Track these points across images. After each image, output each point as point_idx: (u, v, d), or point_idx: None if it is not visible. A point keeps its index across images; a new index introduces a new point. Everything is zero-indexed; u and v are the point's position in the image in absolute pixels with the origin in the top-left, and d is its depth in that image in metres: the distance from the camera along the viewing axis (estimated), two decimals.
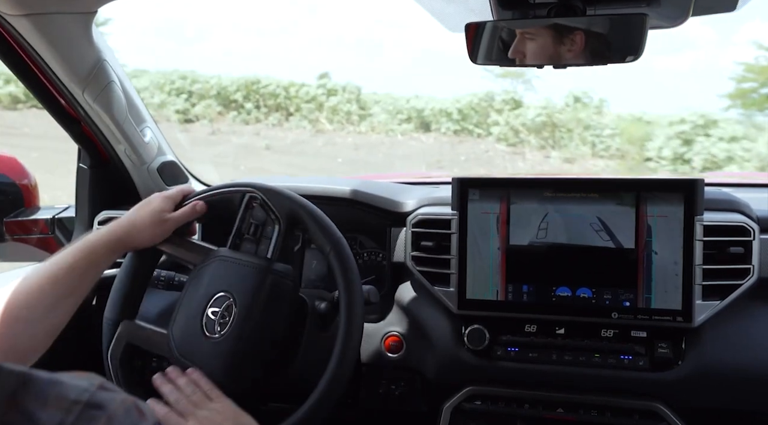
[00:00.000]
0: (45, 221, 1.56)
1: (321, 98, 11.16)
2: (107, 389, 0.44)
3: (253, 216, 1.05)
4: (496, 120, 10.12)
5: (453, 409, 1.24)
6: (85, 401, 0.42)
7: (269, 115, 11.23)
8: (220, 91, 11.33)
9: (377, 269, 1.40)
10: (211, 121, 11.02)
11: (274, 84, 11.33)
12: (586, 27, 1.02)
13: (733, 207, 1.16)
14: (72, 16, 1.19)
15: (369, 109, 11.19)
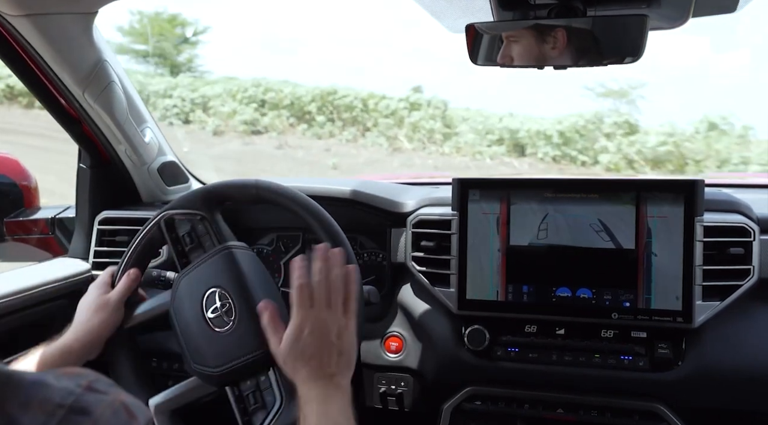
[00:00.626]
0: (45, 221, 1.56)
1: (402, 113, 10.07)
2: (95, 390, 0.43)
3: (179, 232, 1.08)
4: (605, 146, 8.72)
5: (453, 409, 1.24)
6: (69, 405, 0.41)
7: (344, 129, 10.21)
8: (294, 101, 10.44)
9: (377, 269, 1.40)
10: (280, 133, 10.17)
11: (351, 95, 10.28)
12: (566, 24, 1.02)
13: (734, 208, 1.16)
14: (72, 17, 1.19)
15: (455, 127, 9.95)
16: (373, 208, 1.33)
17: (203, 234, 1.07)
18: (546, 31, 1.03)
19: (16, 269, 1.38)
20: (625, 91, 9.87)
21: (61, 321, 1.36)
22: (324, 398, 0.80)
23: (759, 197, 1.27)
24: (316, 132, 10.22)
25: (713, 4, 1.06)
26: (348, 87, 10.53)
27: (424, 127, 9.87)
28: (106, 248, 1.46)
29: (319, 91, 10.42)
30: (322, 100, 10.37)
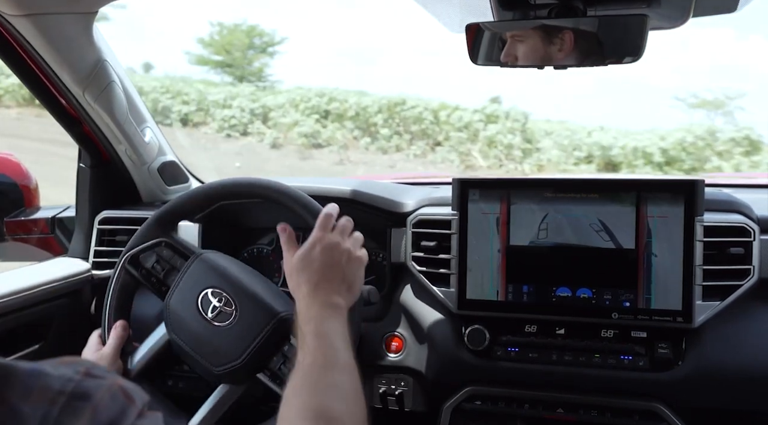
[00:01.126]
0: (45, 220, 1.56)
1: (477, 126, 8.87)
2: (94, 375, 0.43)
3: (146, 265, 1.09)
4: (718, 166, 7.69)
5: (453, 409, 1.24)
6: (70, 391, 0.41)
7: (412, 143, 9.12)
8: (359, 112, 9.44)
9: (377, 269, 1.40)
10: (341, 147, 9.26)
11: (420, 106, 9.16)
12: (574, 26, 1.02)
13: (734, 208, 1.16)
14: (72, 17, 1.19)
15: (536, 142, 8.87)
16: (373, 208, 1.33)
17: (170, 257, 1.09)
18: (553, 32, 1.03)
19: (16, 268, 1.38)
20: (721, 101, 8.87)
21: (61, 321, 1.37)
22: (322, 318, 0.82)
23: (759, 197, 1.27)
24: (381, 146, 9.22)
25: (713, 4, 1.06)
26: (417, 97, 9.48)
27: (502, 142, 8.67)
28: (106, 247, 1.46)
29: (387, 101, 9.39)
30: (389, 111, 9.35)
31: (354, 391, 0.74)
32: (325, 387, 0.72)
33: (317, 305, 0.83)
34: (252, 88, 10.53)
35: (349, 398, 0.72)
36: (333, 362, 0.76)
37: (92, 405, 0.41)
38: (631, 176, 5.81)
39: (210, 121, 9.79)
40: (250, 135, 9.69)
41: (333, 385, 0.72)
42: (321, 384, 0.72)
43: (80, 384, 0.42)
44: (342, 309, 0.85)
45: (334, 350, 0.78)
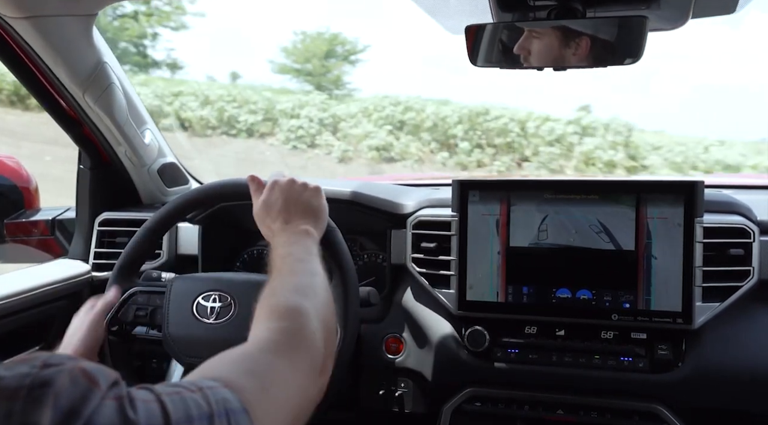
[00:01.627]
0: (45, 222, 1.57)
1: (571, 139, 7.69)
2: (51, 364, 0.42)
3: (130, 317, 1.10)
4: None
5: (453, 411, 1.24)
6: (28, 384, 0.40)
7: (495, 158, 7.98)
8: (437, 122, 8.33)
9: (377, 270, 1.40)
10: (416, 161, 8.31)
11: (506, 116, 8.07)
12: (592, 32, 1.02)
13: (733, 209, 1.16)
14: (73, 19, 1.19)
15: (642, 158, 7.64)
16: (374, 209, 1.33)
17: (147, 300, 1.09)
18: (571, 36, 1.03)
19: (16, 270, 1.38)
20: None
21: (61, 323, 1.37)
22: (290, 242, 0.85)
23: (759, 197, 1.27)
24: (461, 161, 8.04)
25: (713, 4, 1.06)
26: (503, 106, 8.22)
27: (601, 158, 7.33)
28: (106, 249, 1.46)
29: (468, 111, 8.20)
30: (470, 122, 8.13)
31: (321, 291, 0.76)
32: (290, 287, 0.74)
33: (285, 235, 0.87)
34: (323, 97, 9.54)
35: (314, 296, 0.74)
36: (298, 269, 0.78)
37: (54, 391, 0.40)
38: (631, 177, 5.78)
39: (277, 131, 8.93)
40: (317, 147, 8.81)
41: (298, 285, 0.75)
42: (286, 286, 0.74)
43: (38, 375, 0.41)
44: (312, 235, 0.88)
45: (301, 261, 0.80)
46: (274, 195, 0.93)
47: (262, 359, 0.60)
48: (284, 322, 0.66)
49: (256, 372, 0.57)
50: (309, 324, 0.67)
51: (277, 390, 0.57)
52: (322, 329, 0.69)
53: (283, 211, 0.90)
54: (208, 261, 1.42)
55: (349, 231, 1.37)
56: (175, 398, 0.47)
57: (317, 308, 0.71)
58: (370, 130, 8.56)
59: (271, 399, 0.55)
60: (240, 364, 0.58)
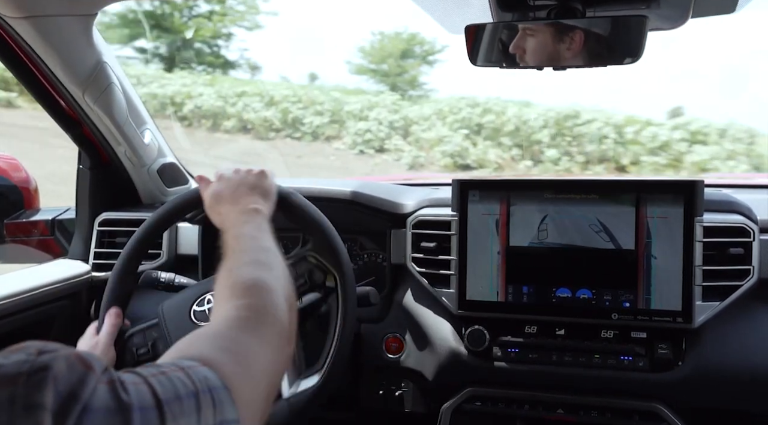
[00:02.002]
0: (45, 222, 1.56)
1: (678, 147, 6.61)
2: (47, 351, 0.44)
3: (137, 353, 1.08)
4: None
5: (453, 410, 1.24)
6: (27, 370, 0.42)
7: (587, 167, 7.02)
8: (519, 126, 7.46)
9: (377, 270, 1.40)
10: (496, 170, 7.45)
11: (600, 120, 7.06)
12: (586, 27, 1.02)
13: (733, 208, 1.16)
14: (72, 19, 1.19)
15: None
16: (373, 209, 1.33)
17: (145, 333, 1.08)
18: (564, 31, 1.03)
19: (16, 270, 1.38)
20: None
21: (61, 323, 1.37)
22: (241, 221, 0.87)
23: (759, 197, 1.27)
24: (546, 169, 7.13)
25: (713, 4, 1.06)
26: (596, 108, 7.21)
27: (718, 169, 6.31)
28: (106, 249, 1.46)
29: (555, 114, 7.21)
30: (558, 126, 7.13)
31: (277, 266, 0.77)
32: (246, 264, 0.75)
33: (235, 216, 0.89)
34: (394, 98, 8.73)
35: (272, 270, 0.76)
36: (252, 247, 0.81)
37: (53, 375, 0.42)
38: (631, 176, 5.71)
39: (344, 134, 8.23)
40: (386, 152, 8.05)
41: (254, 261, 0.76)
42: (243, 263, 0.76)
43: (36, 361, 0.42)
44: (261, 213, 0.91)
45: (253, 239, 0.83)
46: (221, 184, 0.96)
47: (233, 336, 0.61)
48: (249, 298, 0.68)
49: (231, 349, 0.58)
50: (273, 297, 0.70)
51: (252, 364, 0.59)
52: (285, 301, 0.71)
53: (231, 196, 0.93)
54: (208, 261, 1.42)
55: (349, 231, 1.37)
56: (161, 378, 0.48)
57: (277, 281, 0.73)
58: (444, 134, 7.63)
59: (247, 374, 0.57)
60: (214, 342, 0.59)
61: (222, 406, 0.51)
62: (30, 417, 0.40)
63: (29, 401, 0.40)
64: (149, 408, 0.45)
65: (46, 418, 0.40)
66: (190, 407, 0.48)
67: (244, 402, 0.54)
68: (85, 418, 0.41)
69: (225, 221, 0.90)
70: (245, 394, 0.55)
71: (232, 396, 0.52)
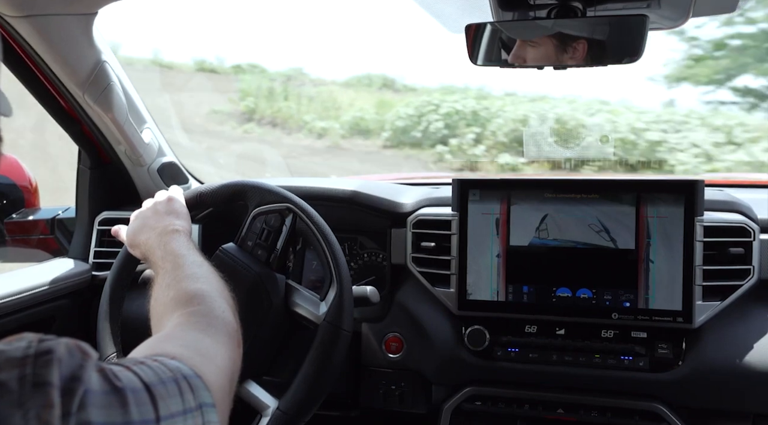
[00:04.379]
0: (45, 221, 1.56)
1: None
2: (47, 339, 0.47)
3: (267, 223, 1.08)
4: None
5: (453, 410, 1.24)
6: (34, 352, 0.44)
7: None
8: None
9: (377, 269, 1.40)
10: None
11: None
12: (589, 35, 1.02)
13: (734, 208, 1.16)
14: (72, 18, 1.19)
15: None
16: (373, 208, 1.33)
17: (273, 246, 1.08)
18: (568, 41, 1.03)
19: (16, 269, 1.38)
20: None
21: (62, 322, 1.37)
22: (162, 243, 0.90)
23: (759, 197, 1.27)
24: None
25: (713, 4, 1.06)
26: None
27: None
28: (107, 248, 1.46)
29: None
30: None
31: (212, 277, 0.81)
32: (183, 278, 0.78)
33: (156, 238, 0.92)
34: None
35: (209, 280, 0.79)
36: (184, 262, 0.83)
37: (57, 357, 0.45)
38: (631, 176, 5.69)
39: None
40: None
41: (190, 275, 0.79)
42: (180, 278, 0.78)
43: (39, 346, 0.45)
44: (179, 230, 0.93)
45: (182, 256, 0.85)
46: (135, 221, 1.00)
47: (189, 336, 0.65)
48: (193, 306, 0.71)
49: (189, 346, 0.62)
50: (216, 303, 0.73)
51: (213, 356, 0.63)
52: (227, 306, 0.74)
53: (145, 227, 0.96)
54: (208, 260, 1.42)
55: (349, 230, 1.37)
56: (143, 367, 0.52)
57: (216, 289, 0.76)
58: None
59: (211, 364, 0.61)
60: (174, 341, 0.63)
61: (198, 391, 0.55)
62: (40, 393, 0.42)
63: (38, 379, 0.43)
64: (139, 389, 0.49)
65: (54, 395, 0.43)
66: (173, 390, 0.52)
67: (215, 389, 0.58)
68: (87, 398, 0.44)
69: (148, 248, 0.92)
70: (214, 382, 0.58)
71: (204, 382, 0.56)
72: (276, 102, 7.56)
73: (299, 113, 7.11)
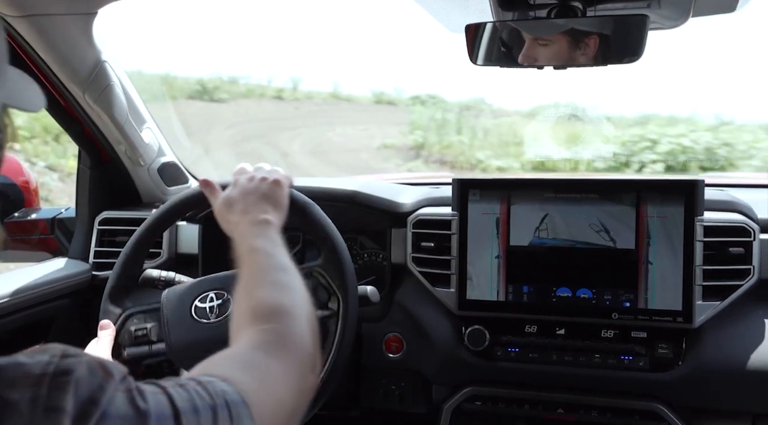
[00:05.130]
0: (45, 221, 1.56)
1: None
2: (70, 355, 0.45)
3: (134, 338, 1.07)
4: None
5: (453, 410, 1.24)
6: (52, 371, 0.43)
7: None
8: None
9: (378, 269, 1.40)
10: None
11: None
12: (598, 30, 1.02)
13: (734, 208, 1.16)
14: (72, 18, 1.19)
15: None
16: (373, 208, 1.33)
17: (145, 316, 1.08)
18: (580, 37, 1.03)
19: (16, 269, 1.38)
20: None
21: (62, 321, 1.37)
22: (253, 234, 0.85)
23: (759, 197, 1.27)
24: None
25: (713, 4, 1.06)
26: None
27: None
28: (107, 248, 1.46)
29: None
30: None
31: (297, 287, 0.76)
32: (266, 285, 0.74)
33: (246, 227, 0.87)
34: None
35: (293, 292, 0.74)
36: (270, 265, 0.78)
37: (74, 378, 0.43)
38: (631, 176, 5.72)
39: None
40: None
41: (274, 283, 0.75)
42: (262, 284, 0.74)
43: (60, 364, 0.44)
44: (271, 224, 0.89)
45: (270, 256, 0.80)
46: (234, 193, 0.95)
47: (255, 357, 0.61)
48: (270, 323, 0.66)
49: (251, 368, 0.58)
50: (295, 324, 0.68)
51: (273, 386, 0.58)
52: (308, 327, 0.69)
53: (242, 205, 0.92)
54: (208, 260, 1.42)
55: (349, 230, 1.37)
56: (180, 390, 0.49)
57: (299, 306, 0.71)
58: None
59: (268, 394, 0.56)
60: (234, 361, 0.59)
61: (240, 420, 0.51)
62: (50, 419, 0.41)
63: (51, 403, 0.41)
64: (166, 417, 0.46)
65: (65, 422, 0.41)
66: (207, 420, 0.48)
67: (264, 420, 0.53)
68: (103, 422, 0.42)
69: (235, 231, 0.89)
70: (265, 412, 0.54)
71: (250, 412, 0.52)
72: (447, 135, 6.87)
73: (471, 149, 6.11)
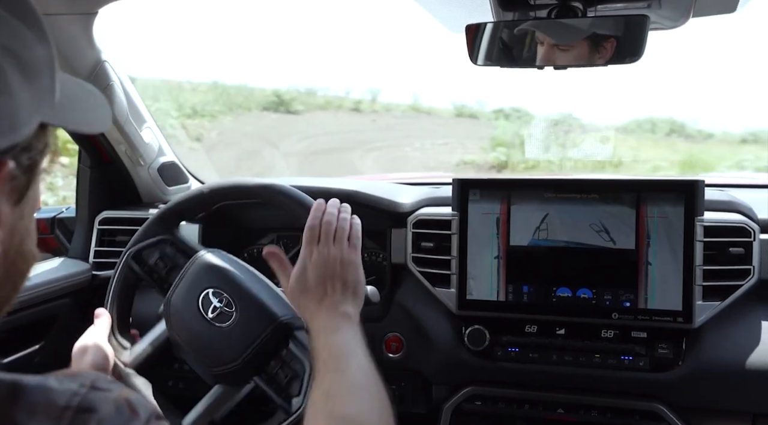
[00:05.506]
0: (45, 221, 1.56)
1: None
2: (99, 388, 0.44)
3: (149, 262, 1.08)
4: None
5: (453, 410, 1.24)
6: (76, 406, 0.42)
7: None
8: None
9: (377, 269, 1.40)
10: None
11: None
12: (614, 33, 1.02)
13: (734, 208, 1.16)
14: (73, 17, 1.19)
15: None
16: (373, 208, 1.33)
17: (173, 255, 1.08)
18: (600, 41, 1.03)
19: None
20: None
21: (62, 321, 1.37)
22: (331, 328, 0.80)
23: (759, 197, 1.27)
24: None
25: (713, 4, 1.06)
26: None
27: None
28: (107, 248, 1.46)
29: None
30: None
31: (378, 395, 0.74)
32: (340, 393, 0.72)
33: (324, 318, 0.82)
34: None
35: (369, 399, 0.72)
36: (345, 367, 0.75)
37: (98, 417, 0.42)
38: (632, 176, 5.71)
39: None
40: None
41: (349, 390, 0.72)
42: (336, 391, 0.72)
43: (86, 398, 0.42)
44: (350, 317, 0.83)
45: (346, 357, 0.77)
46: (308, 274, 0.86)
47: None
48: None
49: None
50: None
51: None
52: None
53: (319, 290, 0.84)
54: None
55: None
56: None
57: (377, 415, 0.70)
58: None
59: None
60: None
61: None
62: None
63: None
64: None
65: None
66: None
67: None
68: None
69: (311, 319, 0.84)
70: None
71: None
72: None
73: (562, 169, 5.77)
